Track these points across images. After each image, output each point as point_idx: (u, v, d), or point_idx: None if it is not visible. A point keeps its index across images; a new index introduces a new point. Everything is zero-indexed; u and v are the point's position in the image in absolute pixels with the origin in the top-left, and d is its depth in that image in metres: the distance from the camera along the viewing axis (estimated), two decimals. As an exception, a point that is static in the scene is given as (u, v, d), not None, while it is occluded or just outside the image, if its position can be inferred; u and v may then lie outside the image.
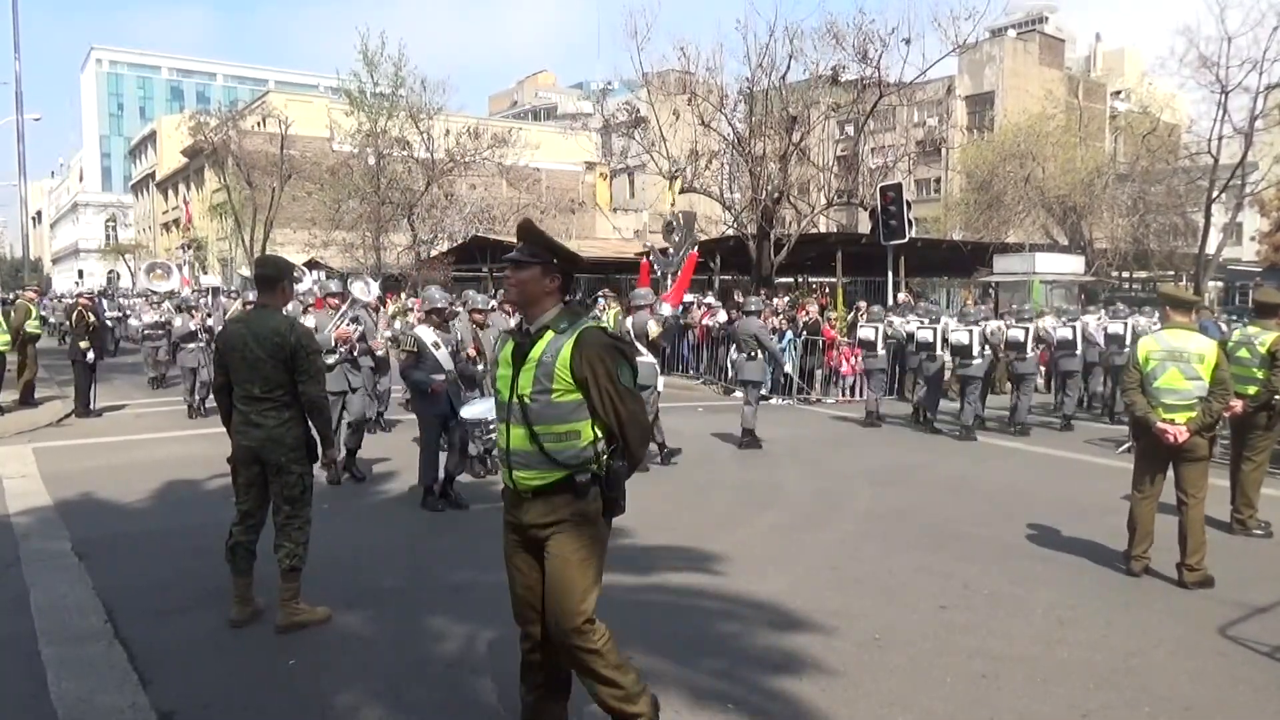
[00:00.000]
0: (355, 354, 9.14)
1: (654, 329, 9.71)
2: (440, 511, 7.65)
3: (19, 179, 31.32)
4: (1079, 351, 13.50)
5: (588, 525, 3.37)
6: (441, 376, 7.78)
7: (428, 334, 7.93)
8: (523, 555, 3.48)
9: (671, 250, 14.17)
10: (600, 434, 3.36)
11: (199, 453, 9.80)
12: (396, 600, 5.54)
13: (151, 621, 5.12)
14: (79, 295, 17.71)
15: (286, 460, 4.94)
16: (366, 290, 10.89)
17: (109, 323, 25.10)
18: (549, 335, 3.34)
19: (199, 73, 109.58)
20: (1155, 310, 14.84)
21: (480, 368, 8.79)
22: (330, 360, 8.47)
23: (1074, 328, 13.52)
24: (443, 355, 7.86)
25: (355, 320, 9.22)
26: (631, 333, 9.62)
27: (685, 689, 4.26)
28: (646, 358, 9.33)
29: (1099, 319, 14.77)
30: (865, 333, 13.65)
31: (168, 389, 16.16)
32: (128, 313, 27.06)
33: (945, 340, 12.42)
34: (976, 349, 11.96)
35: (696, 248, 14.08)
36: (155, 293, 19.35)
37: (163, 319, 16.69)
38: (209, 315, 15.12)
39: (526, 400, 3.33)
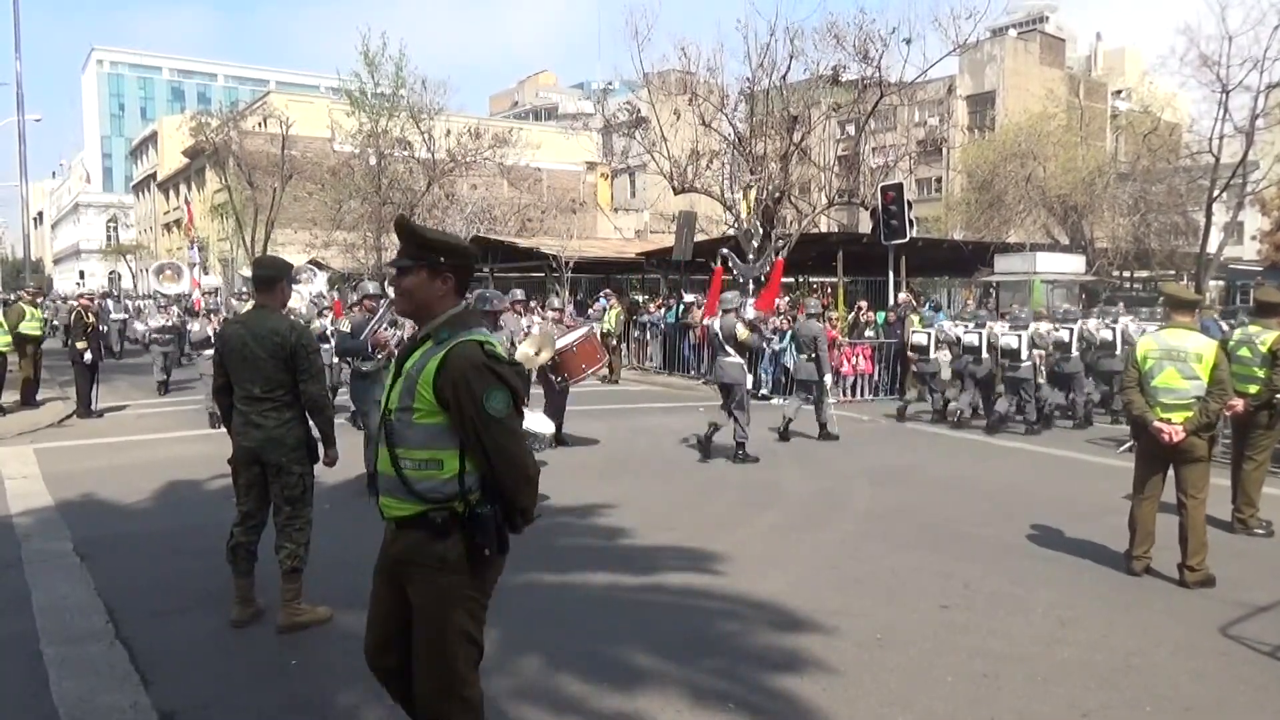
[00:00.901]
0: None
1: (742, 331, 10.27)
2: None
3: (20, 180, 31.33)
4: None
5: (447, 573, 2.90)
6: None
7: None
8: (385, 578, 3.08)
9: (751, 256, 14.54)
10: (471, 468, 2.90)
11: (200, 453, 9.80)
12: (397, 600, 5.53)
13: (153, 622, 5.12)
14: (79, 295, 17.65)
15: (287, 461, 4.94)
16: None
17: (116, 324, 25.03)
18: (427, 345, 2.95)
19: (200, 73, 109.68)
20: (1139, 312, 14.89)
21: None
22: (366, 367, 8.27)
23: (1114, 329, 13.57)
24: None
25: (394, 324, 8.76)
26: (720, 335, 10.35)
27: (686, 688, 4.26)
28: (733, 358, 10.24)
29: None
30: (918, 338, 13.98)
31: (176, 392, 16.02)
32: (133, 315, 26.53)
33: (991, 344, 12.74)
34: (1025, 352, 12.30)
35: (781, 255, 14.45)
36: (165, 295, 19.00)
37: (171, 322, 16.32)
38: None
39: (391, 417, 2.95)
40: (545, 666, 4.52)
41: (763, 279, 13.80)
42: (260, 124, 36.86)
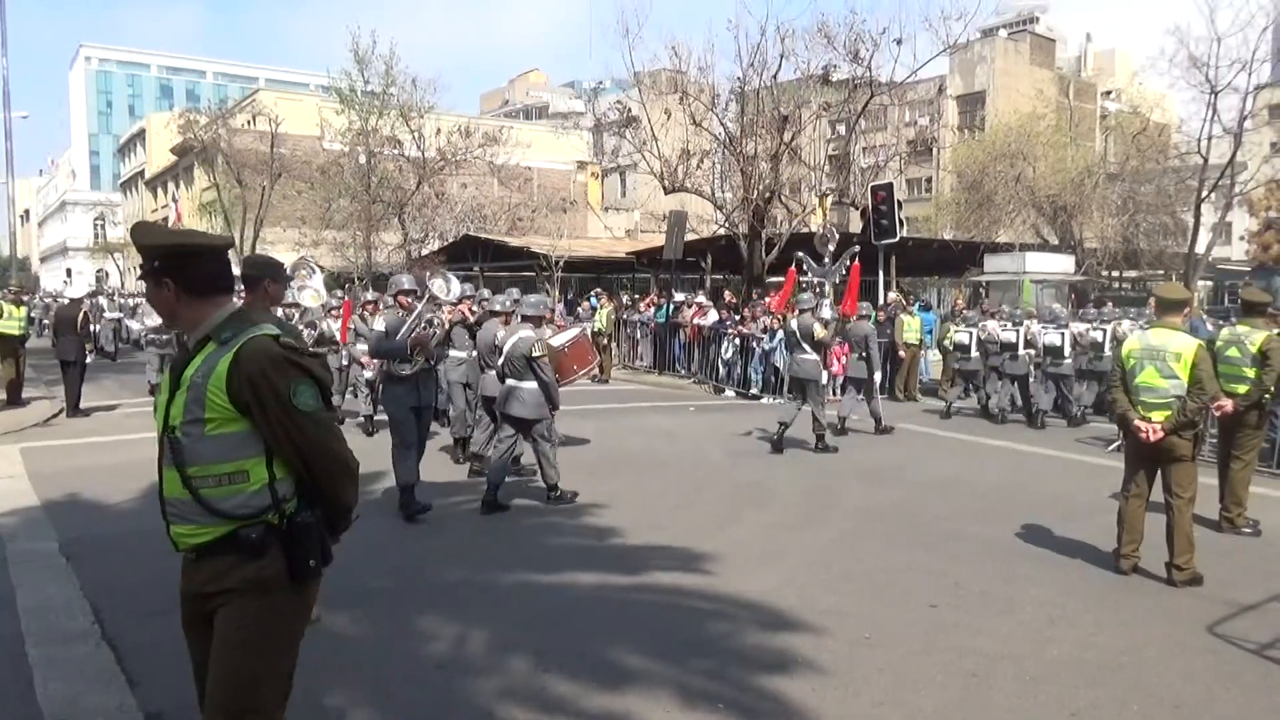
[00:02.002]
0: (433, 362, 8.09)
1: (819, 330, 10.72)
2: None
3: (6, 177, 31.20)
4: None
5: (262, 595, 2.61)
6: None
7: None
8: (194, 622, 2.73)
9: (827, 260, 15.08)
10: (282, 474, 2.64)
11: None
12: (386, 600, 5.52)
13: (139, 622, 5.09)
14: (86, 295, 17.37)
15: None
16: (446, 288, 9.29)
17: (110, 323, 24.62)
18: (209, 348, 2.63)
19: (188, 70, 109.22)
20: (1127, 313, 15.29)
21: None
22: (405, 370, 7.56)
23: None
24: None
25: (430, 323, 8.08)
26: (799, 333, 10.76)
27: (676, 688, 4.26)
28: (809, 355, 10.69)
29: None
30: (960, 337, 14.40)
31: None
32: (128, 313, 25.44)
33: (1027, 341, 13.31)
34: (1068, 350, 12.85)
35: (857, 259, 15.07)
36: None
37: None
38: None
39: (176, 434, 2.60)
40: (534, 666, 4.50)
41: (838, 282, 14.50)
42: (249, 122, 36.74)
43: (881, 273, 19.77)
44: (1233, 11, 73.30)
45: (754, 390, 16.16)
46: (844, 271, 15.14)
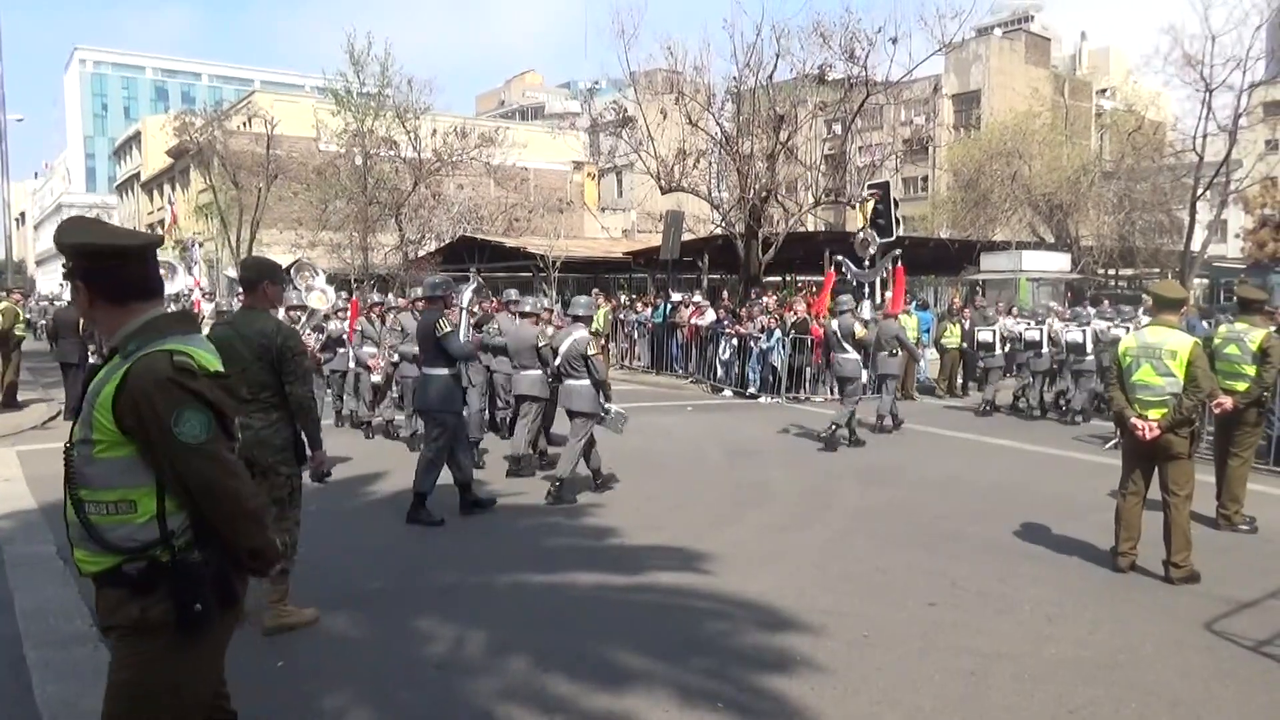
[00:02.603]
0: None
1: (860, 330, 11.29)
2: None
3: (2, 180, 31.17)
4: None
5: (144, 638, 2.37)
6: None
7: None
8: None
9: (867, 262, 15.45)
10: (174, 507, 2.39)
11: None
12: (384, 602, 5.52)
13: (138, 625, 5.08)
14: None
15: (274, 461, 4.92)
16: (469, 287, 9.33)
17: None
18: (114, 361, 2.43)
19: (184, 73, 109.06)
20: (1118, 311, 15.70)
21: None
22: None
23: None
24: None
25: (478, 326, 8.68)
26: (839, 333, 11.26)
27: (675, 688, 4.26)
28: (850, 354, 11.25)
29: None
30: (984, 335, 15.01)
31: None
32: None
33: (1050, 339, 13.84)
34: (1090, 346, 13.26)
35: (900, 261, 15.44)
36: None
37: None
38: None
39: (73, 452, 2.40)
40: (533, 667, 4.50)
41: (878, 283, 14.92)
42: (245, 124, 36.62)
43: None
44: (1227, 9, 73.46)
45: (751, 390, 16.16)
46: (885, 273, 15.45)
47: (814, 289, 23.40)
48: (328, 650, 4.77)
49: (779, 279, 27.64)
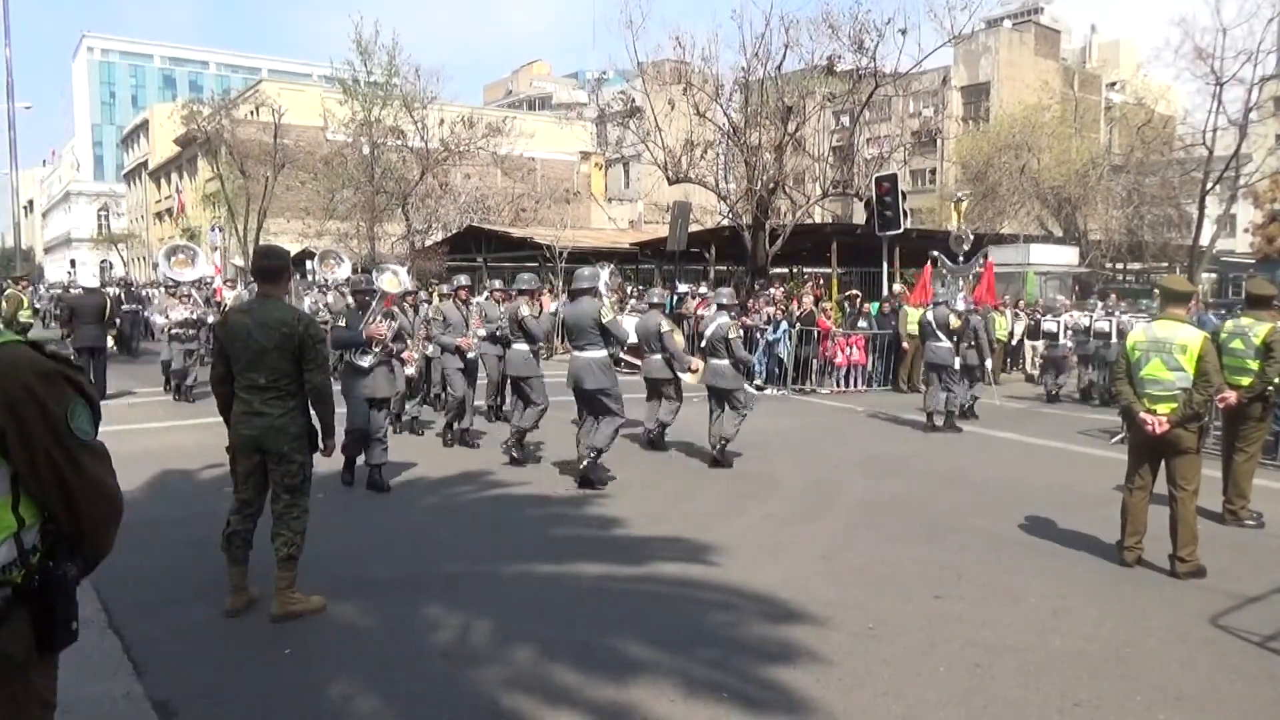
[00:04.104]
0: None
1: (954, 321, 12.00)
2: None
3: (10, 168, 31.24)
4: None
5: (13, 679, 2.05)
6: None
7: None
8: None
9: (960, 257, 16.06)
10: (32, 519, 2.06)
11: (192, 443, 9.78)
12: (391, 590, 5.54)
13: (145, 611, 5.11)
14: (117, 284, 16.89)
15: (289, 449, 4.94)
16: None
17: (127, 316, 23.07)
18: None
19: (191, 61, 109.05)
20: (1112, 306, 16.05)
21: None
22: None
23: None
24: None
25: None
26: (934, 324, 12.01)
27: (680, 678, 4.27)
28: (944, 343, 11.93)
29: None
30: (1049, 325, 15.85)
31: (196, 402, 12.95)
32: (146, 305, 22.59)
33: (1121, 330, 14.09)
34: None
35: (990, 256, 16.12)
36: (177, 283, 15.16)
37: (194, 315, 13.74)
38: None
39: None
40: (539, 657, 4.52)
41: (972, 277, 15.97)
42: (252, 112, 36.74)
43: (886, 264, 19.74)
44: (1238, 3, 72.91)
45: (758, 381, 16.14)
46: (978, 268, 16.46)
47: (820, 281, 23.40)
48: (335, 638, 4.80)
49: (786, 271, 27.59)
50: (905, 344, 16.64)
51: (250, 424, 4.92)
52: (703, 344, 9.52)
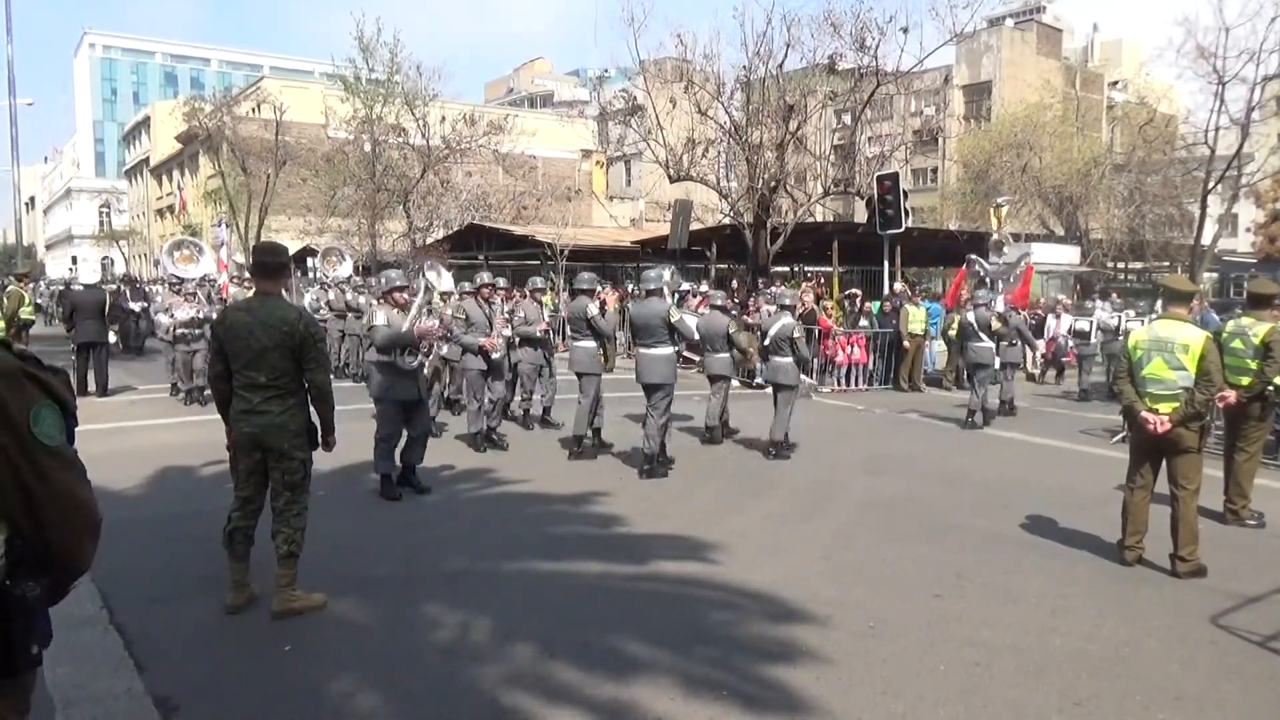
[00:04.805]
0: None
1: (995, 322, 12.44)
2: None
3: (12, 164, 31.26)
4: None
5: None
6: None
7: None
8: None
9: (997, 259, 16.28)
10: None
11: (192, 440, 9.79)
12: (391, 587, 5.54)
13: (146, 608, 5.12)
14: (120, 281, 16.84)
15: (290, 446, 4.95)
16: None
17: (131, 314, 22.79)
18: None
19: (193, 58, 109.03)
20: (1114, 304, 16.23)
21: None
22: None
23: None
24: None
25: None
26: (975, 324, 12.39)
27: (680, 676, 4.27)
28: (985, 343, 12.41)
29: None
30: (1080, 324, 16.49)
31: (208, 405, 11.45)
32: (150, 302, 21.14)
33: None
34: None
35: (1031, 258, 16.82)
36: (180, 280, 14.64)
37: (200, 313, 13.16)
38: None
39: None
40: (538, 655, 4.52)
41: (1011, 279, 16.00)
42: (254, 109, 36.73)
43: (887, 263, 19.72)
44: (1241, 2, 72.85)
45: (758, 380, 16.13)
46: (1019, 270, 16.51)
47: (821, 280, 23.39)
48: (335, 635, 4.80)
49: (787, 269, 27.57)
50: (906, 343, 16.63)
51: (251, 422, 4.93)
52: (766, 342, 10.25)
